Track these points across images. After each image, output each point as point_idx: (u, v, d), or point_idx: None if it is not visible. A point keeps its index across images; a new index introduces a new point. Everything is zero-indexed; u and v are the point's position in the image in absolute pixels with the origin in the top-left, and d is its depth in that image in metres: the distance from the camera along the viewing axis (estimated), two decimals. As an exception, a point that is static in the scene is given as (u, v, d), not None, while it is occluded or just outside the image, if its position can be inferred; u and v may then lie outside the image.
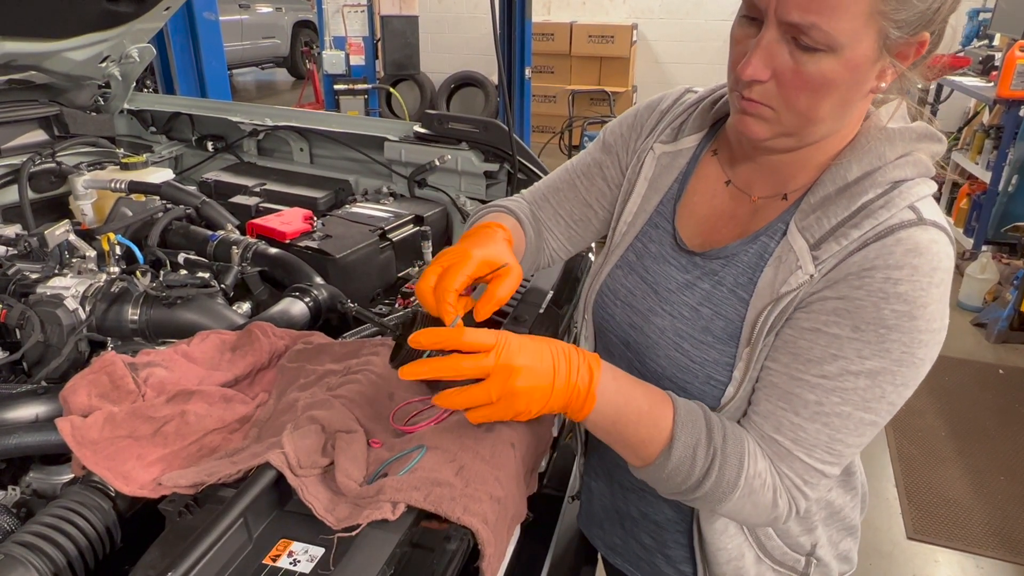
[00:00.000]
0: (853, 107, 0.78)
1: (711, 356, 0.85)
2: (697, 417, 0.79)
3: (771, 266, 0.82)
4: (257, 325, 1.16)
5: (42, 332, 1.21)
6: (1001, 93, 4.37)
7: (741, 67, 0.75)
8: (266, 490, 0.80)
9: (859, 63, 0.71)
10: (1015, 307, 3.79)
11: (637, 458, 0.81)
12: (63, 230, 1.44)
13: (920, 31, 0.71)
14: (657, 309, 0.93)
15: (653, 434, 0.78)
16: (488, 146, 1.93)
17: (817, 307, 0.77)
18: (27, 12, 1.59)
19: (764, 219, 0.86)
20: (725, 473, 0.77)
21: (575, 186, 1.09)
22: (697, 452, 0.77)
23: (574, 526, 1.28)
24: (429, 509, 0.77)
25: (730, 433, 0.79)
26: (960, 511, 2.71)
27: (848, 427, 0.77)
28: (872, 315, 0.73)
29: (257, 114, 2.30)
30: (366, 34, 6.38)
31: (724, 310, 0.86)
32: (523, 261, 1.03)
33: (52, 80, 1.97)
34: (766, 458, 0.79)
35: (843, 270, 0.75)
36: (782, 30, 0.72)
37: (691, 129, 0.97)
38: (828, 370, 0.76)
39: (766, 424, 0.79)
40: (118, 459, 0.88)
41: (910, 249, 0.72)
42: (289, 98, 10.18)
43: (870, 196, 0.76)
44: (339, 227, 1.70)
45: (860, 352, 0.74)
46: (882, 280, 0.72)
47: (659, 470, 0.80)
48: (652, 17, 7.83)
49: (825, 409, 0.76)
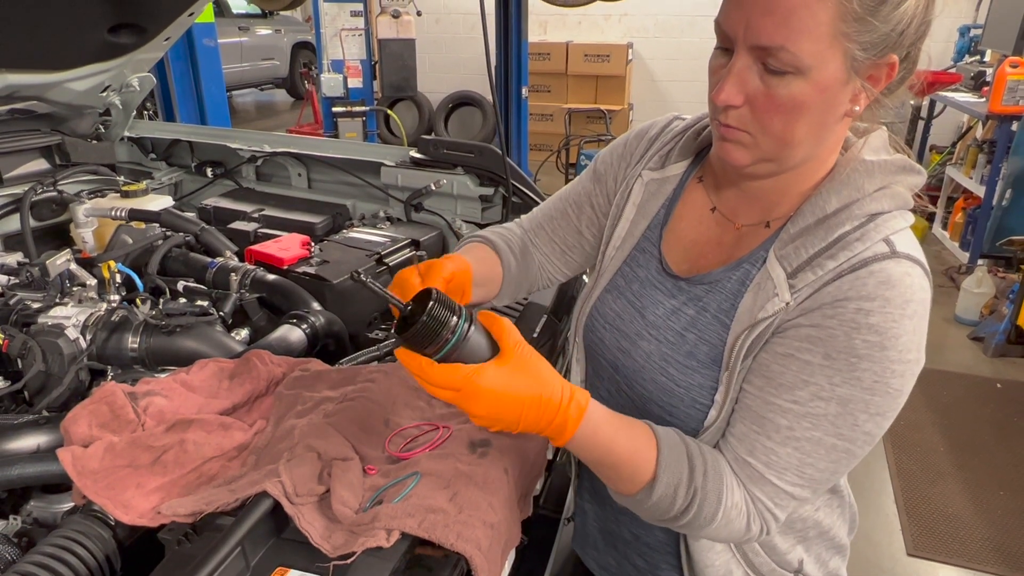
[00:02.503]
0: (829, 131, 0.79)
1: (696, 380, 0.87)
2: (680, 455, 0.80)
3: (750, 292, 0.84)
4: (255, 353, 1.18)
5: (43, 362, 1.23)
6: (993, 108, 4.42)
7: (715, 93, 0.78)
8: (263, 518, 0.81)
9: (828, 84, 0.73)
10: (1012, 320, 3.80)
11: (618, 491, 0.84)
12: (64, 259, 1.47)
13: (886, 53, 0.73)
14: (644, 334, 0.95)
15: (634, 475, 0.80)
16: (483, 170, 1.96)
17: (791, 333, 0.79)
18: (30, 45, 1.62)
19: (747, 246, 0.89)
20: (704, 509, 0.79)
21: (567, 214, 1.12)
22: (678, 491, 0.79)
23: (569, 548, 1.29)
24: (423, 536, 0.78)
25: (711, 468, 0.80)
26: (960, 527, 2.70)
27: (819, 452, 0.78)
28: (843, 344, 0.74)
29: (255, 140, 2.33)
30: (364, 57, 6.44)
31: (708, 335, 0.87)
32: (502, 289, 1.09)
33: (54, 109, 2.00)
34: (741, 486, 0.81)
35: (817, 300, 0.77)
36: (752, 56, 0.74)
37: (678, 156, 1.00)
38: (799, 395, 0.77)
39: (740, 446, 0.81)
40: (118, 488, 0.90)
41: (882, 281, 0.74)
42: (288, 119, 10.25)
43: (847, 228, 0.78)
44: (336, 252, 1.73)
45: (831, 379, 0.75)
46: (854, 311, 0.74)
47: (639, 504, 0.82)
48: (647, 36, 7.92)
49: (796, 434, 0.78)
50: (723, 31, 0.77)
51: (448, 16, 8.46)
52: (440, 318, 0.70)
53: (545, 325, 1.50)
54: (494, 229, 1.15)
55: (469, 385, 0.69)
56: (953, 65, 6.05)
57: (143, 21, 1.81)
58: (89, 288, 1.42)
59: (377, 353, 1.34)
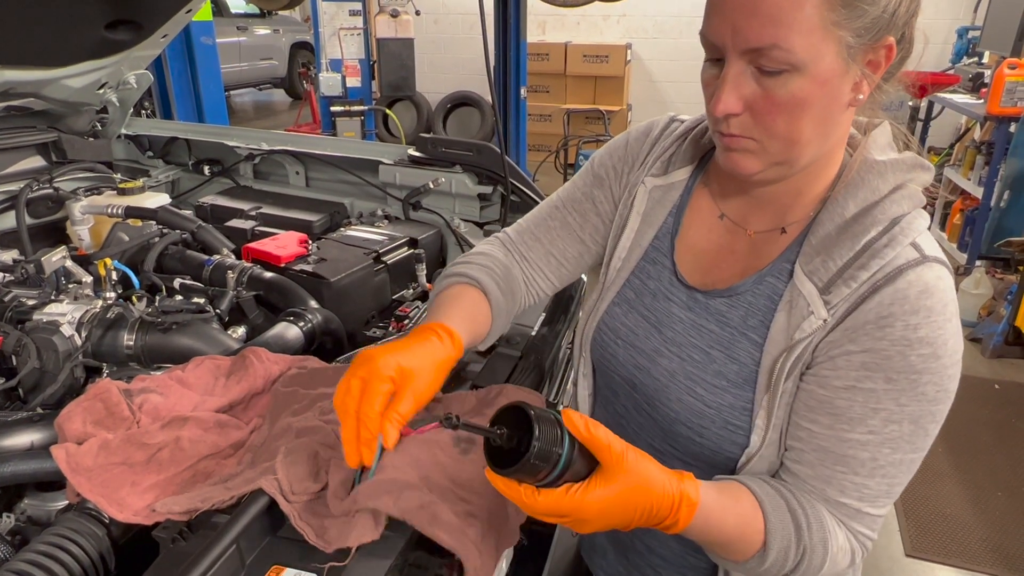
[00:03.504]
0: (835, 124, 0.77)
1: (727, 401, 0.84)
2: (784, 516, 0.79)
3: (782, 311, 0.81)
4: (252, 350, 1.17)
5: (38, 359, 1.22)
6: (991, 110, 4.42)
7: (713, 105, 0.76)
8: (259, 516, 0.80)
9: (827, 77, 0.72)
10: (1010, 322, 3.80)
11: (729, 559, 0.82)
12: (60, 256, 1.46)
13: (882, 35, 0.72)
14: (663, 350, 0.92)
15: (746, 548, 0.78)
16: (482, 169, 1.95)
17: (843, 363, 0.77)
18: (27, 41, 1.61)
19: (767, 255, 0.86)
20: (814, 562, 0.78)
21: (567, 223, 1.06)
22: (788, 553, 0.78)
23: (571, 552, 1.28)
24: (397, 516, 0.78)
25: (813, 521, 0.78)
26: (958, 527, 2.70)
27: (903, 471, 0.78)
28: (900, 364, 0.74)
29: (253, 138, 2.33)
30: (362, 56, 6.44)
31: (737, 354, 0.85)
32: (488, 338, 1.01)
33: (50, 106, 1.99)
34: (841, 526, 0.81)
35: (859, 318, 0.76)
36: (745, 60, 0.73)
37: (681, 161, 0.97)
38: (873, 424, 0.76)
39: (830, 489, 0.80)
40: (112, 486, 0.89)
41: (921, 291, 0.73)
42: (287, 118, 10.24)
43: (872, 235, 0.77)
44: (334, 250, 1.72)
45: (898, 400, 0.75)
46: (902, 328, 0.73)
47: (751, 570, 0.81)
48: (646, 37, 7.93)
49: (880, 462, 0.77)
50: (710, 41, 0.75)
51: (447, 16, 8.46)
52: (544, 454, 0.65)
53: (538, 335, 1.48)
54: (476, 259, 1.04)
55: (578, 512, 0.67)
56: (951, 66, 6.06)
57: (140, 18, 1.80)
58: (85, 285, 1.41)
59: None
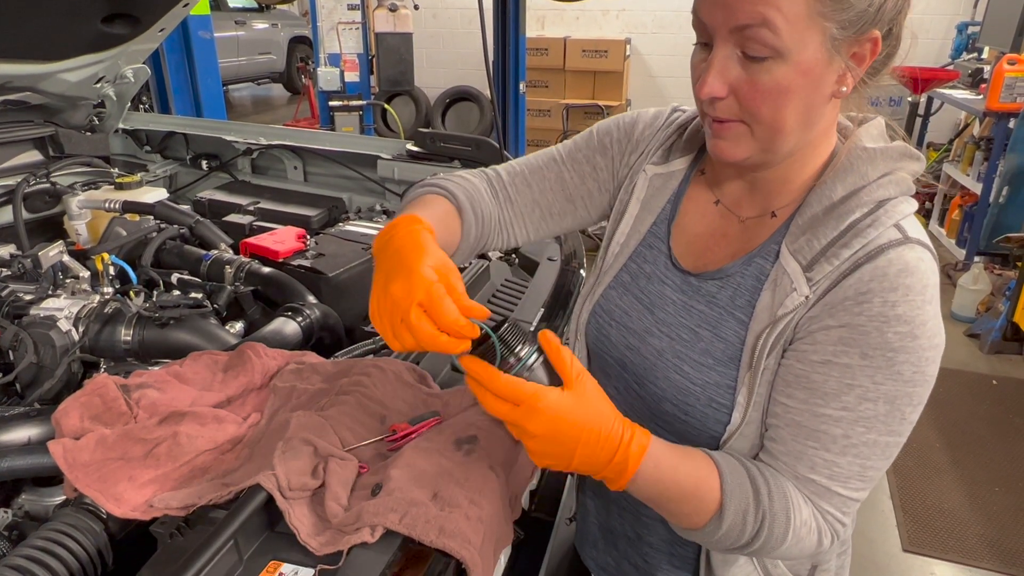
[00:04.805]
0: (818, 114, 0.78)
1: (712, 378, 0.85)
2: (742, 479, 0.79)
3: (767, 289, 0.82)
4: (249, 345, 1.17)
5: (35, 354, 1.22)
6: (990, 106, 4.41)
7: (698, 87, 0.77)
8: (256, 512, 0.80)
9: (811, 66, 0.73)
10: (1008, 318, 3.80)
11: (684, 526, 0.82)
12: (57, 251, 1.45)
13: (867, 29, 0.73)
14: (653, 330, 0.93)
15: (700, 507, 0.78)
16: (480, 163, 1.95)
17: (821, 337, 0.77)
18: (23, 35, 1.61)
19: (757, 238, 0.88)
20: (775, 531, 0.78)
21: (563, 179, 1.05)
22: (747, 517, 0.77)
23: (566, 547, 1.28)
24: (404, 532, 0.77)
25: (775, 489, 0.78)
26: (956, 523, 2.71)
27: (876, 453, 0.78)
28: (877, 340, 0.74)
29: (251, 133, 2.32)
30: (361, 51, 6.42)
31: (723, 333, 0.86)
32: (455, 256, 0.96)
33: (47, 100, 1.99)
34: (808, 502, 0.80)
35: (839, 294, 0.76)
36: (732, 42, 0.74)
37: (681, 151, 0.99)
38: (847, 400, 0.76)
39: (799, 465, 0.80)
40: (110, 481, 0.89)
41: (901, 270, 0.74)
42: (285, 113, 10.21)
43: (857, 216, 0.78)
44: (332, 245, 1.71)
45: (873, 378, 0.75)
46: (880, 304, 0.74)
47: (708, 536, 0.80)
48: (645, 32, 7.90)
49: (853, 441, 0.77)
50: (700, 19, 0.76)
51: (445, 11, 8.43)
52: (510, 343, 0.71)
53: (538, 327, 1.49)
54: (455, 180, 1.01)
55: (531, 400, 0.69)
56: (951, 62, 6.05)
57: (137, 11, 1.79)
58: (82, 280, 1.41)
59: (373, 346, 1.33)
